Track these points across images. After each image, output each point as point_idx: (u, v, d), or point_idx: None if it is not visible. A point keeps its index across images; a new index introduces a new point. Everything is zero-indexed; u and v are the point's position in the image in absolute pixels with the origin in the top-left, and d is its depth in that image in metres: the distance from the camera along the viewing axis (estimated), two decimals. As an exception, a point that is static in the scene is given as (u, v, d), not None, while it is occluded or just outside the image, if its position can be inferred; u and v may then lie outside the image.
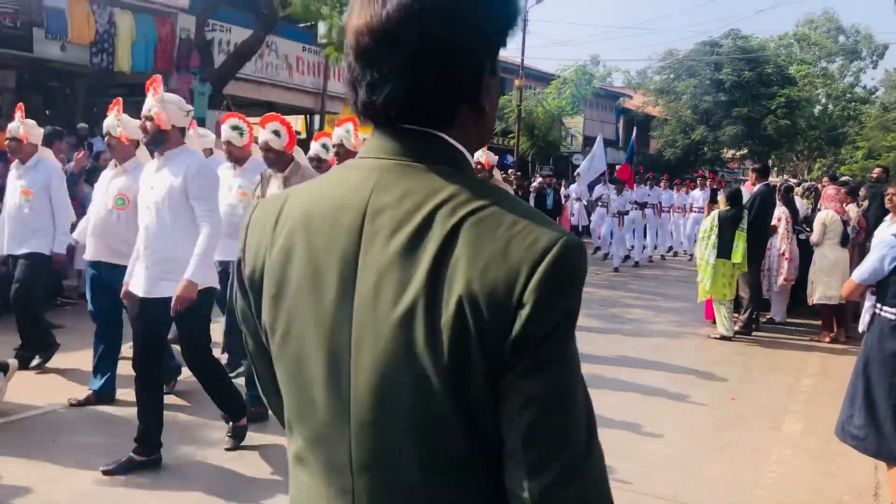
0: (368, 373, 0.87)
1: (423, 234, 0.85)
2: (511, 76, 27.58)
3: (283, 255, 0.94)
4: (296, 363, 0.94)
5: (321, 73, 17.36)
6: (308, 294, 0.91)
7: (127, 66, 12.14)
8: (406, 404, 0.86)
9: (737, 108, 32.77)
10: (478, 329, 0.82)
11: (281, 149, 4.33)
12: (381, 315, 0.86)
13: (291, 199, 0.98)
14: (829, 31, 48.35)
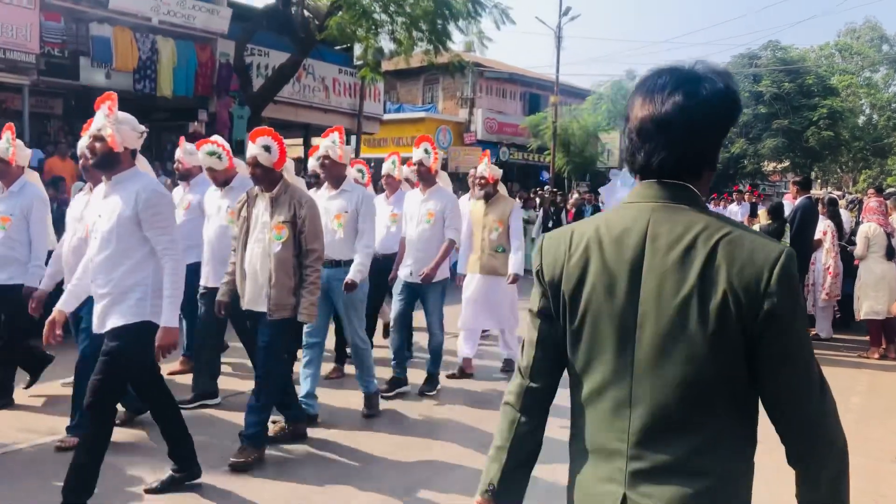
0: (649, 342, 1.35)
1: (691, 251, 1.34)
2: (546, 93, 27.59)
3: (580, 266, 1.44)
4: (591, 336, 1.42)
5: (357, 94, 17.56)
6: (603, 291, 1.40)
7: (169, 91, 12.45)
8: (678, 360, 1.33)
9: (777, 121, 32.23)
10: (737, 310, 1.30)
11: (270, 165, 4.15)
12: (663, 303, 1.34)
13: (577, 229, 1.50)
14: (872, 40, 47.31)
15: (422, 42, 12.69)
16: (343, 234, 4.95)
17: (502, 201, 6.38)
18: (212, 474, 3.94)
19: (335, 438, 4.64)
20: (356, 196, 5.02)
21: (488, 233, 6.25)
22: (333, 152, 4.93)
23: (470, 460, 4.29)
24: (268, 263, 4.16)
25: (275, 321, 4.16)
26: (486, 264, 6.26)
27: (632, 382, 1.38)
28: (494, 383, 6.18)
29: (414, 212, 5.75)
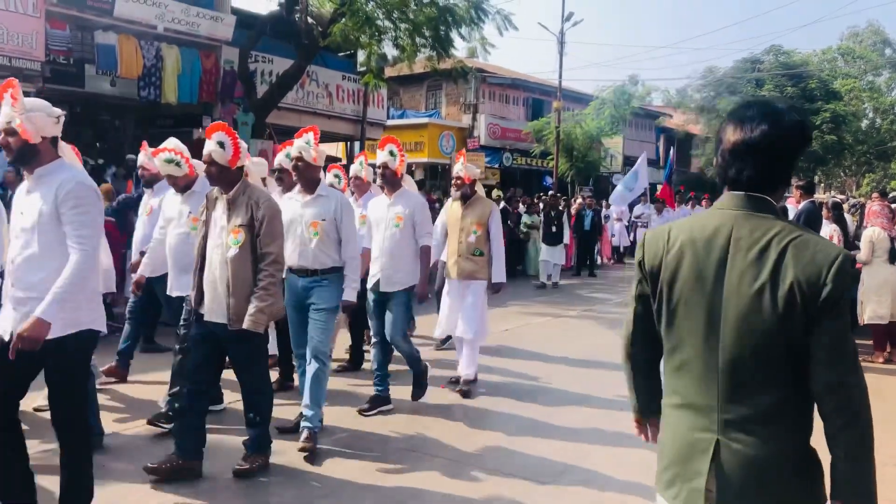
0: (732, 321, 1.76)
1: (766, 251, 1.74)
2: (549, 98, 27.61)
3: (676, 259, 1.85)
4: (684, 318, 1.84)
5: (360, 100, 17.61)
6: (693, 281, 1.81)
7: (173, 98, 12.50)
8: (755, 336, 1.73)
9: (780, 125, 32.17)
10: (801, 298, 1.69)
11: (224, 163, 3.92)
12: (742, 291, 1.74)
13: (674, 228, 1.91)
14: (875, 43, 47.26)
15: (425, 48, 12.72)
16: (319, 242, 4.63)
17: (481, 203, 6.14)
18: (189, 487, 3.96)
19: (300, 462, 4.33)
20: (334, 203, 4.70)
21: (465, 235, 6.01)
22: (307, 154, 4.60)
23: (450, 487, 4.05)
24: (226, 271, 3.94)
25: (236, 332, 3.93)
26: (463, 268, 6.02)
27: (719, 354, 1.79)
28: (457, 397, 5.88)
29: (381, 217, 5.46)
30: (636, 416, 2.19)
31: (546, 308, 11.10)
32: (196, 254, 4.12)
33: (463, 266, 6.03)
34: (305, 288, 4.67)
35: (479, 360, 6.63)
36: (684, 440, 1.85)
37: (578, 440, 4.95)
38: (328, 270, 4.67)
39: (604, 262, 18.88)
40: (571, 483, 4.19)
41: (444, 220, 6.23)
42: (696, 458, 1.81)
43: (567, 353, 7.74)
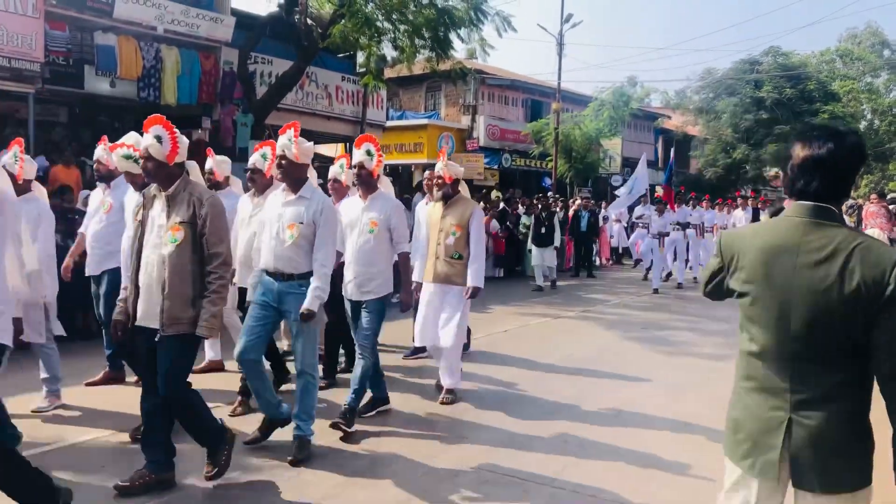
0: (803, 312, 2.05)
1: (834, 255, 2.02)
2: (548, 99, 27.64)
3: (748, 259, 2.18)
4: (759, 313, 2.16)
5: (360, 101, 17.62)
6: (766, 283, 2.13)
7: (172, 99, 12.50)
8: (821, 329, 2.03)
9: (779, 126, 32.24)
10: (866, 295, 1.97)
11: (162, 158, 3.73)
12: (812, 291, 2.04)
13: (750, 231, 2.26)
14: (874, 45, 47.30)
15: (424, 49, 12.73)
16: (294, 245, 4.34)
17: (462, 203, 5.82)
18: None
19: (271, 475, 4.15)
20: (315, 205, 4.40)
21: (445, 237, 5.71)
22: (289, 151, 4.38)
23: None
24: (163, 271, 3.70)
25: (168, 337, 3.67)
26: (440, 272, 5.71)
27: (790, 345, 2.10)
28: (440, 406, 5.63)
29: (354, 220, 5.14)
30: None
31: (545, 309, 11.11)
32: (131, 257, 3.88)
33: (440, 270, 5.72)
34: (282, 293, 4.37)
35: (473, 365, 6.64)
36: (760, 418, 2.18)
37: (565, 453, 4.94)
38: (304, 276, 4.37)
39: (602, 264, 18.89)
40: (555, 499, 4.19)
41: (426, 220, 5.94)
42: (772, 434, 2.14)
43: (563, 355, 7.75)
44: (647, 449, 4.80)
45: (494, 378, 6.60)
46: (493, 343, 8.30)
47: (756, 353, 2.21)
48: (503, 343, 8.31)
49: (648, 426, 5.31)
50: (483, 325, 9.38)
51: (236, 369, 4.83)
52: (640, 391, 6.31)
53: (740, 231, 2.33)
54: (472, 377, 6.55)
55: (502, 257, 15.20)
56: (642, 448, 4.81)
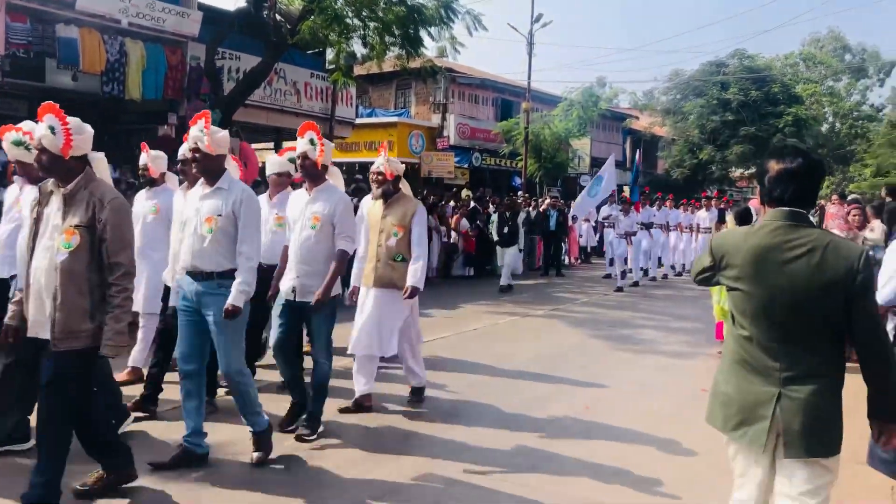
0: (788, 301, 2.41)
1: (811, 251, 2.40)
2: (518, 99, 27.72)
3: (736, 258, 2.52)
4: (748, 305, 2.50)
5: (329, 98, 17.51)
6: (754, 279, 2.48)
7: (137, 94, 12.28)
8: (803, 315, 2.41)
9: (744, 128, 32.79)
10: (841, 284, 2.37)
11: (56, 150, 3.36)
12: (794, 283, 2.40)
13: (737, 233, 2.62)
14: (836, 49, 48.33)
15: (394, 47, 12.68)
16: (214, 241, 4.06)
17: (403, 202, 5.45)
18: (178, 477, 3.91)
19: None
20: (234, 196, 4.11)
21: (385, 238, 5.34)
22: (202, 143, 4.09)
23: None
24: (53, 279, 3.33)
25: (61, 353, 3.32)
26: (382, 276, 5.32)
27: (777, 329, 2.48)
28: (395, 418, 5.33)
29: (297, 216, 4.83)
30: None
31: (514, 307, 11.14)
32: (26, 258, 3.48)
33: (381, 273, 5.34)
34: (200, 293, 4.06)
35: (443, 365, 6.61)
36: (751, 394, 2.53)
37: (534, 453, 4.96)
38: (226, 273, 4.07)
39: (571, 263, 19.02)
40: (524, 498, 4.19)
41: (365, 220, 5.54)
42: (763, 406, 2.49)
43: (532, 353, 7.79)
44: (615, 447, 4.83)
45: (462, 376, 6.60)
46: (463, 341, 8.31)
47: (747, 338, 2.55)
48: (473, 341, 8.32)
49: (616, 424, 5.35)
50: (453, 323, 9.39)
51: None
52: (607, 389, 6.35)
53: (729, 234, 2.71)
54: (439, 377, 6.55)
55: (472, 256, 15.21)
56: (610, 447, 4.85)
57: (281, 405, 5.07)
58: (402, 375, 5.95)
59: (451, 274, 15.20)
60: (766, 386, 2.50)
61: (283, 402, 5.09)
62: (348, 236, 4.81)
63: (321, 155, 4.73)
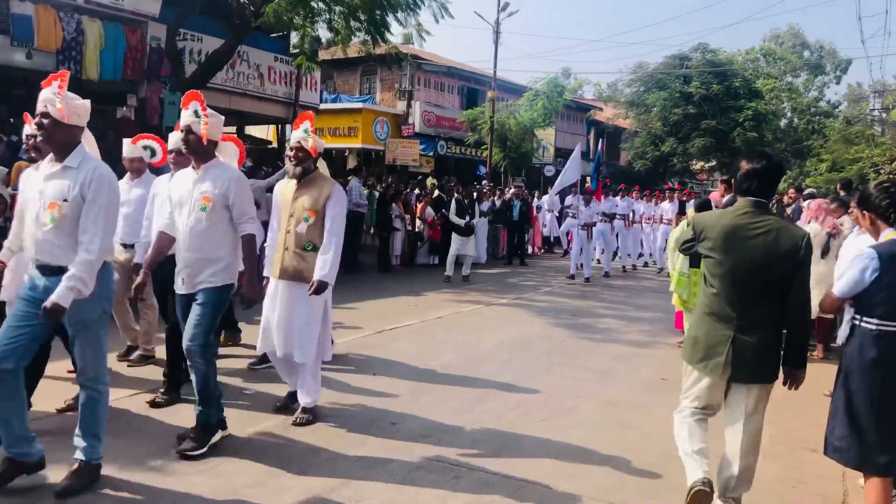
0: (749, 268, 3.28)
1: (767, 232, 3.26)
2: (484, 87, 27.71)
3: (713, 235, 3.35)
4: (718, 268, 3.36)
5: (293, 82, 17.29)
6: (724, 249, 3.32)
7: (95, 74, 11.97)
8: (759, 278, 3.29)
9: (705, 121, 33.28)
10: (789, 257, 3.25)
11: None
12: (754, 255, 3.26)
13: (714, 216, 3.52)
14: (795, 46, 49.33)
15: (360, 32, 12.55)
16: (56, 230, 3.46)
17: (319, 183, 4.76)
18: (134, 471, 3.84)
19: None
20: (84, 175, 3.49)
21: (295, 224, 4.70)
22: (53, 107, 3.57)
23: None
24: None
25: None
26: (288, 267, 4.69)
27: (739, 288, 3.30)
28: (358, 400, 5.16)
29: (185, 197, 4.24)
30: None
31: (478, 296, 11.17)
32: None
33: (288, 263, 4.70)
34: (48, 290, 3.40)
35: (412, 349, 6.58)
36: (714, 335, 3.39)
37: (496, 438, 4.99)
38: None
39: (534, 252, 19.13)
40: (486, 485, 4.22)
41: (277, 202, 4.93)
42: (721, 346, 3.36)
43: (495, 341, 7.83)
44: (576, 433, 4.89)
45: (425, 363, 6.60)
46: (428, 328, 8.31)
47: (715, 294, 3.40)
48: (437, 329, 8.33)
49: (577, 411, 5.41)
50: (417, 311, 9.39)
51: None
52: (569, 377, 6.42)
53: (707, 214, 3.60)
54: (402, 365, 6.55)
55: (438, 245, 15.20)
56: (571, 432, 4.90)
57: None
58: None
59: (416, 262, 15.20)
60: (724, 330, 3.35)
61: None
62: (252, 218, 4.26)
63: (206, 127, 4.19)
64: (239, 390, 5.44)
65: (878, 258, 3.37)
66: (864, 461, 3.42)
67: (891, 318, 3.39)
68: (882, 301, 3.39)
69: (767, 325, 3.31)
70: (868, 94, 44.56)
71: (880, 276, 3.36)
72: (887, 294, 3.37)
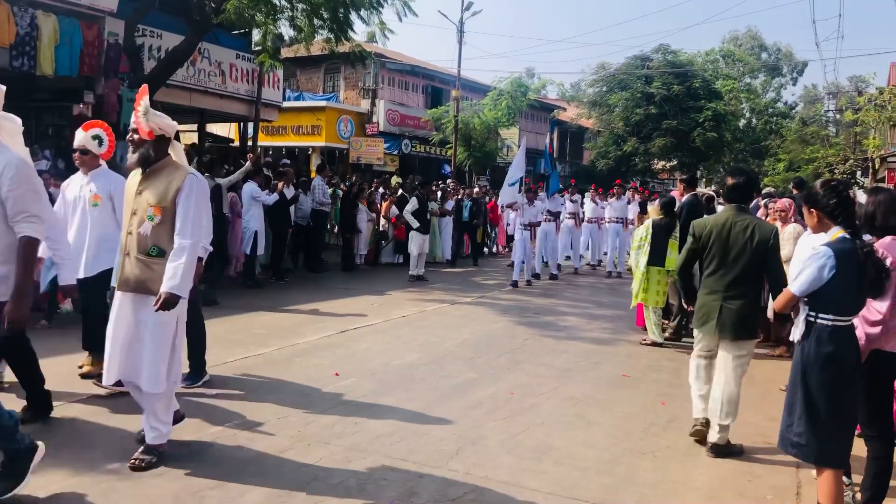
0: (734, 254, 4.59)
1: (746, 228, 4.59)
2: (448, 87, 27.74)
3: (710, 232, 4.69)
4: (712, 256, 4.68)
5: (255, 80, 17.11)
6: (717, 241, 4.64)
7: (50, 70, 11.68)
8: (741, 262, 4.58)
9: (666, 121, 33.76)
10: (762, 246, 4.54)
11: None
12: (738, 245, 4.58)
13: (710, 219, 4.87)
14: (753, 48, 50.34)
15: (323, 30, 12.46)
16: None
17: (168, 173, 3.96)
18: (96, 475, 3.77)
19: None
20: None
21: (138, 224, 3.92)
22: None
23: None
24: None
25: None
26: (131, 276, 3.90)
27: (726, 269, 4.59)
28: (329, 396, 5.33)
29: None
30: (688, 300, 5.07)
31: (442, 295, 11.19)
32: None
33: (130, 272, 3.91)
34: None
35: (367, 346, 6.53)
36: (708, 305, 4.67)
37: (458, 437, 5.00)
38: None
39: (499, 251, 19.20)
40: (448, 484, 4.23)
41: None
42: (713, 311, 4.64)
43: (459, 340, 7.85)
44: (538, 430, 4.92)
45: (389, 362, 6.59)
46: (392, 327, 8.30)
47: (710, 273, 4.69)
48: (401, 328, 8.32)
49: (540, 408, 5.45)
50: (382, 310, 9.37)
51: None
52: (531, 374, 6.46)
53: (703, 220, 4.88)
54: (366, 364, 6.53)
55: (402, 243, 15.17)
56: (534, 430, 4.94)
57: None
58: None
59: (381, 261, 15.15)
60: (715, 301, 4.63)
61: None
62: (31, 216, 3.43)
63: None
64: (201, 393, 5.38)
65: (833, 256, 3.45)
66: (822, 455, 3.50)
67: (845, 314, 3.49)
68: (837, 297, 3.47)
69: (747, 297, 4.58)
70: (823, 96, 45.70)
71: (836, 274, 3.44)
72: (841, 291, 3.46)
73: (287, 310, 9.06)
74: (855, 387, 3.50)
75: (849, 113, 28.32)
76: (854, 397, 3.52)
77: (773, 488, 4.18)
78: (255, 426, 4.71)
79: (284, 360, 6.52)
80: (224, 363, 6.21)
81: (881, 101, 24.04)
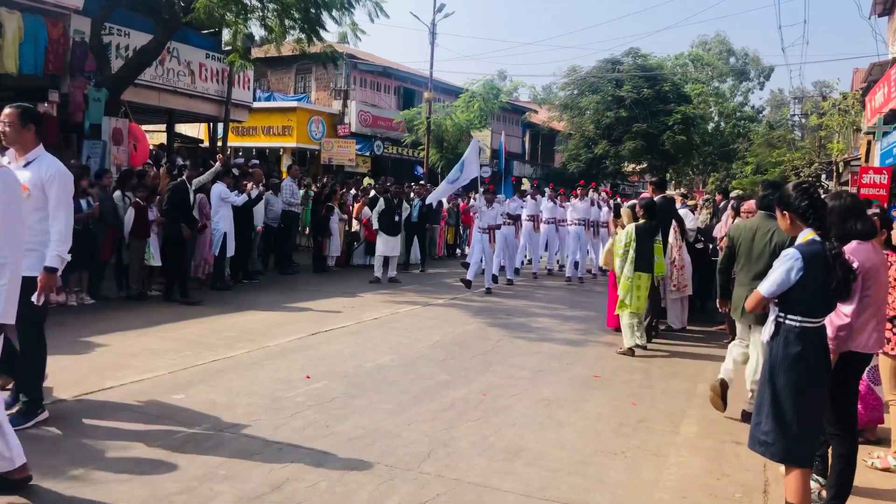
0: (758, 254, 5.50)
1: (768, 233, 5.47)
2: (420, 88, 27.75)
3: (741, 236, 5.68)
4: (742, 256, 5.63)
5: (225, 80, 16.94)
6: (747, 244, 5.59)
7: (14, 68, 11.46)
8: (764, 262, 5.29)
9: (637, 124, 34.09)
10: (779, 247, 5.17)
11: None
12: (762, 243, 5.50)
13: (741, 224, 6.07)
14: (721, 52, 51.08)
15: (294, 30, 12.39)
16: None
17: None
18: (54, 481, 3.69)
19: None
20: None
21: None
22: None
23: None
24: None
25: None
26: None
27: (751, 265, 5.47)
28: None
29: None
30: (722, 301, 5.82)
31: (414, 297, 11.17)
32: None
33: None
34: None
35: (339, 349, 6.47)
36: (741, 297, 5.30)
37: (432, 439, 4.99)
38: None
39: (466, 252, 19.16)
40: (421, 485, 4.22)
41: None
42: (740, 300, 5.29)
43: (431, 341, 7.83)
44: (510, 431, 4.93)
45: (360, 364, 6.56)
46: (364, 329, 8.25)
47: (740, 269, 5.54)
48: (373, 330, 8.28)
49: (512, 409, 5.46)
50: (354, 312, 9.32)
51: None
52: (503, 376, 6.47)
53: (737, 226, 5.88)
54: (338, 365, 6.49)
55: (374, 245, 15.09)
56: (506, 431, 4.94)
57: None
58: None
59: (352, 263, 15.08)
60: (745, 293, 4.93)
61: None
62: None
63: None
64: (168, 394, 5.30)
65: (801, 258, 3.50)
66: (788, 454, 3.55)
67: (813, 315, 3.54)
68: (805, 299, 3.52)
69: None
70: (789, 101, 46.53)
71: (804, 276, 3.49)
72: (809, 292, 3.51)
73: (257, 312, 8.97)
74: (822, 387, 3.55)
75: (814, 117, 28.86)
76: (821, 397, 3.58)
77: (741, 486, 4.23)
78: (224, 429, 4.65)
79: (255, 362, 6.45)
80: (194, 366, 6.13)
81: (844, 106, 24.56)
